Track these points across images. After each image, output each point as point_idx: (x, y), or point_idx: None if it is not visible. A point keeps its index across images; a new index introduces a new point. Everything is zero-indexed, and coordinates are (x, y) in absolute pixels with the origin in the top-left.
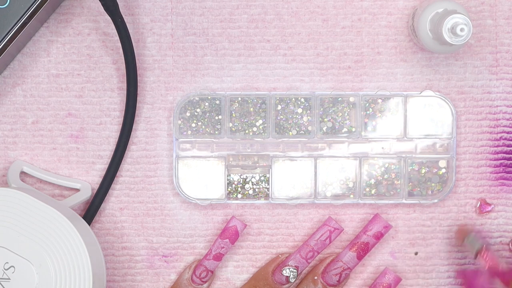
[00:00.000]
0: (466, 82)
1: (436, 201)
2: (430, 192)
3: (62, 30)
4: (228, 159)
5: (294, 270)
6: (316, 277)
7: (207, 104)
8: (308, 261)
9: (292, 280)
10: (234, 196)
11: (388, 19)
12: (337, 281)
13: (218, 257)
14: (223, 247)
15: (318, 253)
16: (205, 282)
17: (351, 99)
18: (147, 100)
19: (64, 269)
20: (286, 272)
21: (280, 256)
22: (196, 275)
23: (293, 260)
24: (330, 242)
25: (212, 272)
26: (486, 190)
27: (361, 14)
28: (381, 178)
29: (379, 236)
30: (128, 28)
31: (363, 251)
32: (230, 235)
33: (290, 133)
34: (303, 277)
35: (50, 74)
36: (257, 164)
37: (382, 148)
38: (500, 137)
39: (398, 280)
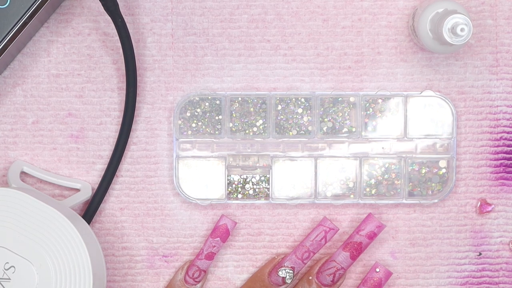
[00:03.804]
0: (466, 82)
1: (436, 201)
2: (430, 192)
3: (62, 30)
4: (228, 159)
5: (290, 271)
6: (311, 277)
7: (207, 104)
8: (304, 261)
9: (289, 281)
10: (234, 196)
11: (388, 19)
12: (331, 281)
13: (210, 256)
14: (214, 246)
15: (314, 253)
16: (198, 282)
17: (351, 99)
18: (147, 100)
19: (64, 269)
20: (282, 273)
21: (276, 257)
22: (189, 275)
23: (289, 261)
24: (326, 242)
25: (205, 271)
26: (486, 190)
27: (361, 14)
28: (381, 178)
29: (372, 236)
30: (128, 28)
31: (356, 251)
32: (221, 233)
33: (290, 133)
34: (299, 277)
35: (50, 74)
36: (257, 164)
37: (382, 148)
38: (500, 137)
39: (388, 274)
